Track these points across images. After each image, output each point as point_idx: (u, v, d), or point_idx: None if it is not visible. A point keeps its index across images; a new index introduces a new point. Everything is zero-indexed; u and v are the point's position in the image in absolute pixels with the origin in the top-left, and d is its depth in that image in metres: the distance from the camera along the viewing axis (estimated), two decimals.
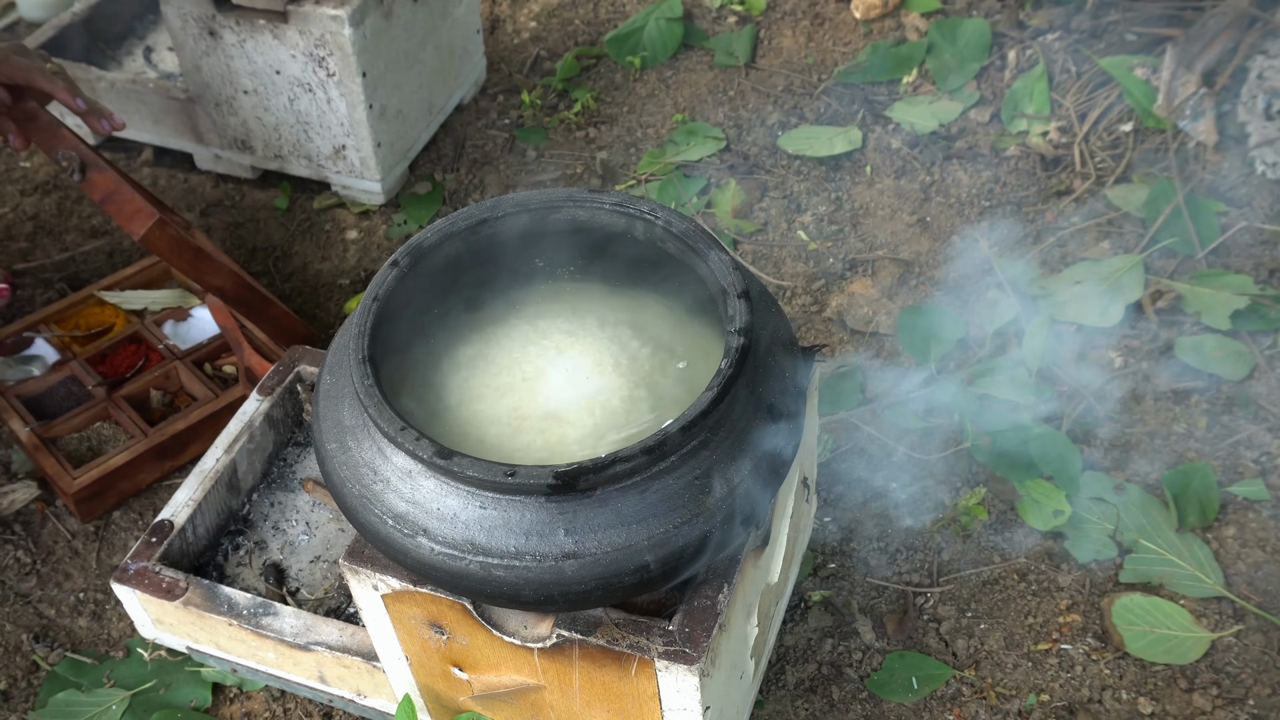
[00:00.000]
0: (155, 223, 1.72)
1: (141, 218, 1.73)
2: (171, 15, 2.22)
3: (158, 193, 2.49)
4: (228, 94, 2.31)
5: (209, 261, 1.83)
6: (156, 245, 1.75)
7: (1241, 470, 1.81)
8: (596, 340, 1.29)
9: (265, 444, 1.70)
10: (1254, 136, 2.22)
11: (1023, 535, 1.76)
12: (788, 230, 2.29)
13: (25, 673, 1.74)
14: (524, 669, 1.25)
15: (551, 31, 2.81)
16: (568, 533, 1.06)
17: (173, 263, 1.79)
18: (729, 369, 1.10)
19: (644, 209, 1.26)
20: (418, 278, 1.27)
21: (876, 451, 1.88)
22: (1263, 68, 2.26)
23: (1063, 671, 1.62)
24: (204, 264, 1.82)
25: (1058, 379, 1.95)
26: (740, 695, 1.42)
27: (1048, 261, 2.15)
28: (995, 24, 2.55)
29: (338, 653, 1.45)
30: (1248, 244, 2.11)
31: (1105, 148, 2.32)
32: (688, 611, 1.20)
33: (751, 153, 2.45)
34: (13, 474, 1.97)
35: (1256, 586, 1.67)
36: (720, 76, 2.63)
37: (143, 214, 1.73)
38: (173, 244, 1.77)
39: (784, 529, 1.40)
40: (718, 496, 1.09)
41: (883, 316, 2.10)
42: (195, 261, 1.81)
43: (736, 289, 1.16)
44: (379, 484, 1.13)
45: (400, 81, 2.30)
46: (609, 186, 2.43)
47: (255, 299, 1.90)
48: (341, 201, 2.42)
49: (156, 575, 1.51)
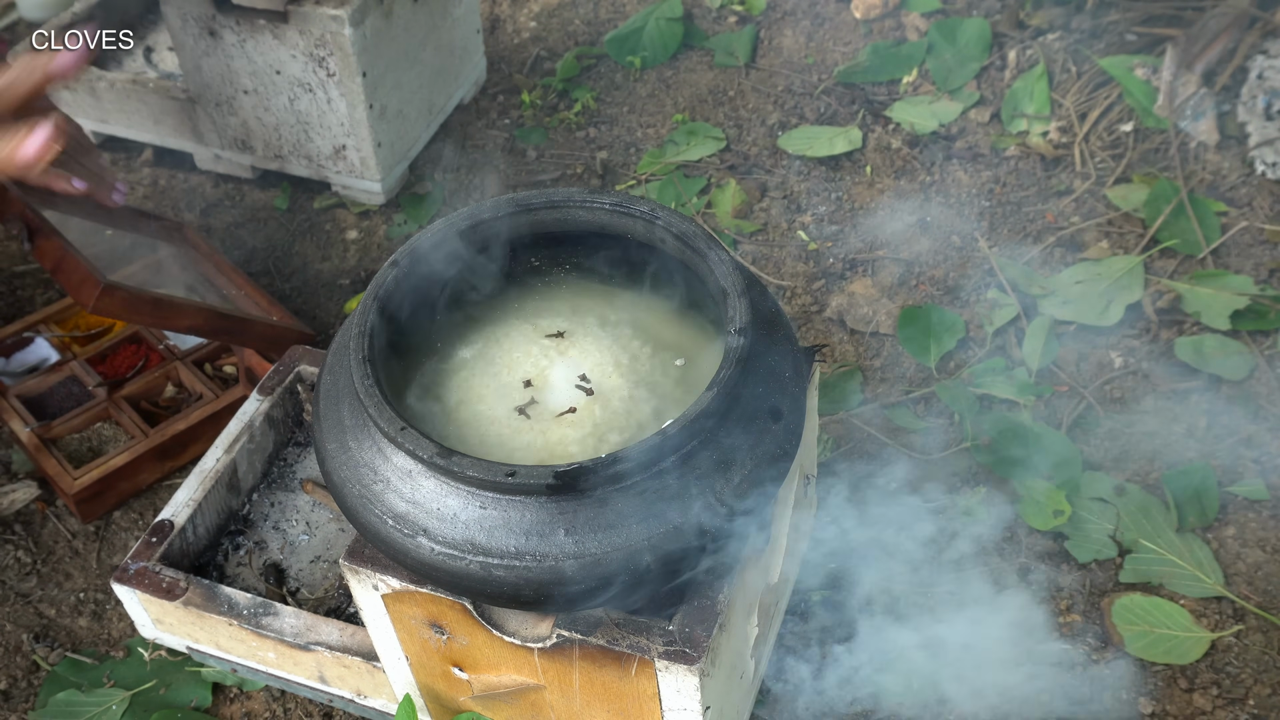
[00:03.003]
0: (102, 291, 1.69)
1: (88, 287, 1.69)
2: (171, 15, 2.22)
3: (158, 193, 2.49)
4: (228, 94, 2.31)
5: (171, 306, 1.79)
6: (110, 311, 1.72)
7: (1241, 470, 1.81)
8: (596, 340, 1.29)
9: (265, 444, 1.70)
10: (1254, 136, 2.23)
11: (1023, 535, 1.76)
12: (788, 230, 2.29)
13: (25, 673, 1.74)
14: (524, 669, 1.25)
15: (551, 31, 2.81)
16: (568, 533, 1.06)
17: (133, 321, 1.74)
18: (729, 369, 1.10)
19: (644, 209, 1.26)
20: (418, 278, 1.27)
21: (876, 451, 1.88)
22: (1263, 68, 2.26)
23: (1063, 671, 1.62)
24: (167, 311, 1.79)
25: (1058, 379, 1.96)
26: (740, 695, 1.42)
27: (1048, 261, 2.15)
28: (995, 24, 2.55)
29: (338, 653, 1.45)
30: (1248, 244, 2.11)
31: (1105, 148, 2.32)
32: (688, 611, 1.20)
33: (751, 153, 2.45)
34: (13, 474, 1.97)
35: (1256, 586, 1.67)
36: (720, 76, 2.63)
37: (89, 283, 1.70)
38: (126, 305, 1.73)
39: (784, 529, 1.40)
40: (718, 496, 1.09)
41: (883, 316, 2.10)
42: (156, 312, 1.78)
43: (737, 289, 1.16)
44: (379, 484, 1.13)
45: (400, 81, 2.30)
46: (609, 186, 2.43)
47: (231, 324, 1.88)
48: (341, 201, 2.42)
49: (156, 575, 1.51)
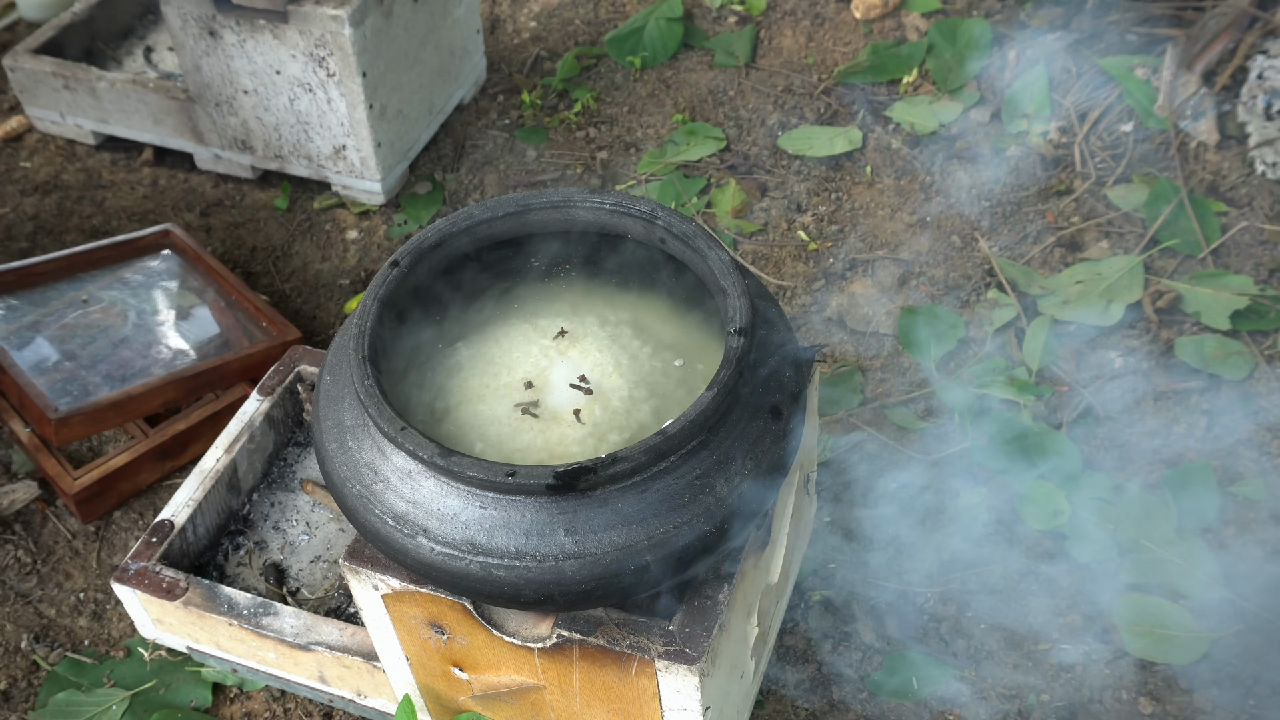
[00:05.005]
0: (57, 424, 1.78)
1: (44, 423, 1.80)
2: (171, 15, 2.22)
3: (158, 193, 2.49)
4: (228, 94, 2.31)
5: (135, 399, 1.85)
6: (73, 436, 1.82)
7: (1241, 470, 1.81)
8: (597, 340, 1.29)
9: (265, 444, 1.70)
10: (1254, 136, 2.22)
11: (1023, 535, 1.76)
12: (788, 230, 2.29)
13: (25, 673, 1.74)
14: (524, 669, 1.25)
15: (551, 31, 2.81)
16: (568, 533, 1.06)
17: (102, 430, 1.85)
18: (729, 369, 1.10)
19: (644, 209, 1.26)
20: (418, 278, 1.27)
21: (876, 451, 1.88)
22: (1263, 68, 2.26)
23: (1063, 671, 1.62)
24: (133, 404, 1.85)
25: (1058, 379, 1.95)
26: (740, 695, 1.42)
27: (1048, 261, 2.15)
28: (995, 24, 2.55)
29: (338, 653, 1.45)
30: (1248, 244, 2.11)
31: (1105, 148, 2.32)
32: (688, 611, 1.20)
33: (751, 153, 2.45)
34: (13, 474, 1.97)
35: (1257, 586, 1.67)
36: (720, 76, 2.63)
37: (44, 420, 1.79)
38: (88, 423, 1.82)
39: (784, 529, 1.40)
40: (718, 496, 1.09)
41: (883, 316, 2.10)
42: (122, 411, 1.85)
43: (737, 289, 1.16)
44: (379, 484, 1.13)
45: (400, 81, 2.30)
46: (609, 186, 2.43)
47: (205, 376, 1.92)
48: (342, 201, 2.42)
49: (157, 575, 1.51)
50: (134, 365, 1.97)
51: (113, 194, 2.50)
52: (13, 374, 1.86)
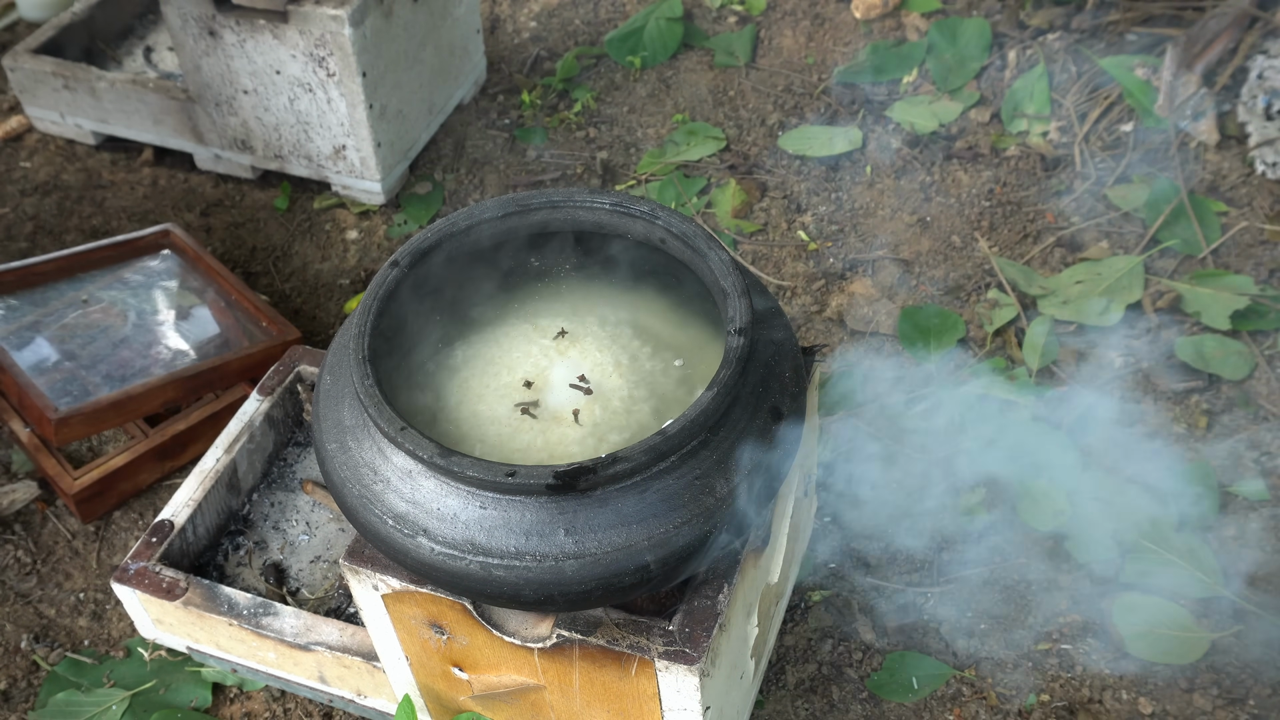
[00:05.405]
0: (57, 424, 1.78)
1: (45, 423, 1.80)
2: (171, 15, 2.22)
3: (158, 193, 2.49)
4: (228, 94, 2.31)
5: (134, 398, 1.85)
6: (73, 436, 1.82)
7: (1241, 470, 1.81)
8: (597, 340, 1.29)
9: (265, 444, 1.70)
10: (1254, 136, 2.22)
11: (1023, 535, 1.76)
12: (788, 230, 2.29)
13: (25, 673, 1.74)
14: (524, 669, 1.25)
15: (551, 31, 2.81)
16: (568, 533, 1.06)
17: (102, 430, 1.85)
18: (729, 369, 1.10)
19: (644, 209, 1.26)
20: (418, 277, 1.27)
21: (877, 451, 1.88)
22: (1263, 68, 2.26)
23: (1063, 671, 1.62)
24: (132, 404, 1.85)
25: (1058, 379, 1.95)
26: (740, 695, 1.42)
27: (1048, 261, 2.15)
28: (995, 24, 2.55)
29: (338, 653, 1.45)
30: (1248, 244, 2.11)
31: (1105, 148, 2.32)
32: (688, 611, 1.20)
33: (751, 153, 2.45)
34: (13, 474, 1.97)
35: (1256, 586, 1.67)
36: (720, 76, 2.63)
37: (44, 420, 1.80)
38: (88, 422, 1.82)
39: (784, 529, 1.40)
40: (718, 496, 1.09)
41: (883, 316, 2.10)
42: (122, 412, 1.85)
43: (737, 289, 1.16)
44: (379, 484, 1.13)
45: (400, 81, 2.30)
46: (609, 186, 2.43)
47: (205, 377, 1.92)
48: (341, 201, 2.42)
49: (156, 575, 1.51)
50: (134, 365, 1.97)
51: (113, 194, 2.50)
52: (13, 374, 1.86)
